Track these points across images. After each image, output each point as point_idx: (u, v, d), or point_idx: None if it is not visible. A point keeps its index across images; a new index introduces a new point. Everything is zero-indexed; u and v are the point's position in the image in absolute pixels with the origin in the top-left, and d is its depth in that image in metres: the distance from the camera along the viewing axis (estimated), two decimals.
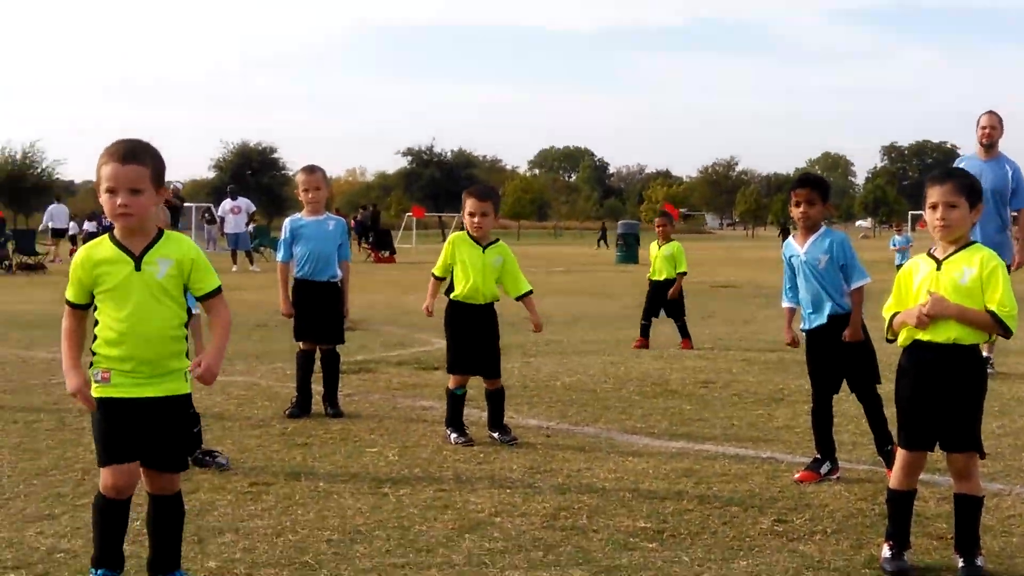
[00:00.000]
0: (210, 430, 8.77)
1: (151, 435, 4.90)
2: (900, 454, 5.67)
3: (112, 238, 4.93)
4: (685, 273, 15.47)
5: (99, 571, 5.00)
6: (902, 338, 5.60)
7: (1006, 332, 5.39)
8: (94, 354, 4.94)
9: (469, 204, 8.57)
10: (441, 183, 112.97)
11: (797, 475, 7.37)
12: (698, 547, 5.88)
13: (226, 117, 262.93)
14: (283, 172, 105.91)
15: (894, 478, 5.68)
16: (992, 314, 5.33)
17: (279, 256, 9.89)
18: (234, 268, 33.63)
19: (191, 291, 4.99)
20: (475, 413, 9.03)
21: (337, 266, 9.71)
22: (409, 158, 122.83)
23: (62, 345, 4.93)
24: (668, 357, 13.75)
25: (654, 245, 15.68)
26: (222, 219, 37.69)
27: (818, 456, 7.48)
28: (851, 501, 6.84)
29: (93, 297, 4.93)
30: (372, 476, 7.41)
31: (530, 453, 8.15)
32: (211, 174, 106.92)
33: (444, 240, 8.55)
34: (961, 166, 11.14)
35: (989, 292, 5.35)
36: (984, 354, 6.01)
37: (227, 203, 36.54)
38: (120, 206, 4.77)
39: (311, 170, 9.74)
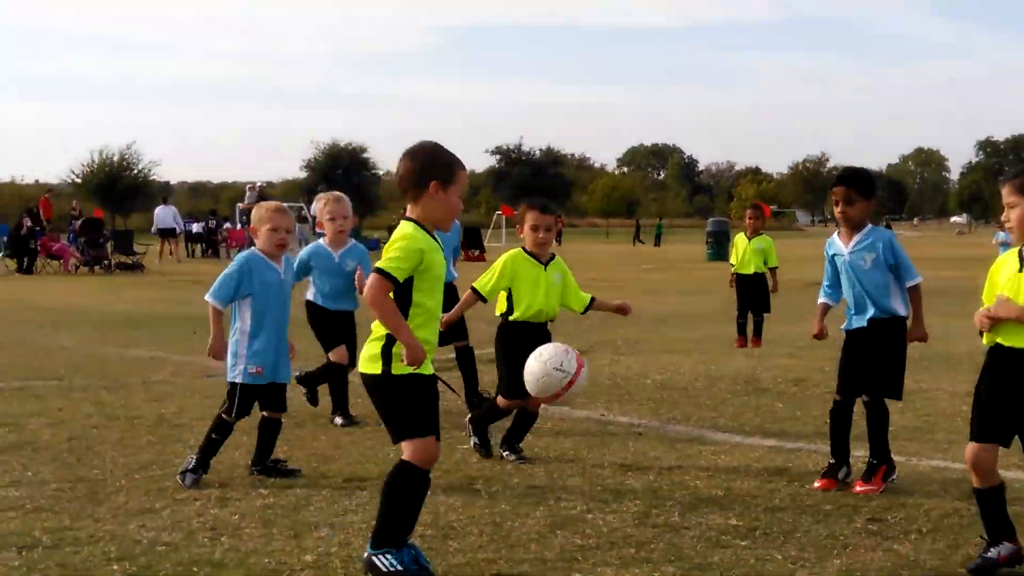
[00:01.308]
0: (305, 426, 8.93)
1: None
2: (970, 448, 5.44)
3: (425, 230, 5.31)
4: (777, 267, 15.24)
5: (407, 548, 5.33)
6: (985, 340, 5.45)
7: None
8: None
9: (532, 217, 7.97)
10: (530, 181, 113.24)
11: (816, 483, 7.11)
12: (791, 546, 5.85)
13: (317, 117, 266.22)
14: (373, 172, 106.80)
15: (974, 477, 5.50)
16: None
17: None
18: None
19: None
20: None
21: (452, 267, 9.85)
22: (498, 157, 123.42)
23: (394, 321, 5.17)
24: (759, 355, 13.67)
25: (741, 237, 15.26)
26: (314, 218, 38.09)
27: (833, 461, 7.20)
28: (947, 500, 6.75)
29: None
30: (464, 473, 7.48)
31: (621, 451, 8.16)
32: (303, 174, 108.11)
33: None
34: None
35: None
36: None
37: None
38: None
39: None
